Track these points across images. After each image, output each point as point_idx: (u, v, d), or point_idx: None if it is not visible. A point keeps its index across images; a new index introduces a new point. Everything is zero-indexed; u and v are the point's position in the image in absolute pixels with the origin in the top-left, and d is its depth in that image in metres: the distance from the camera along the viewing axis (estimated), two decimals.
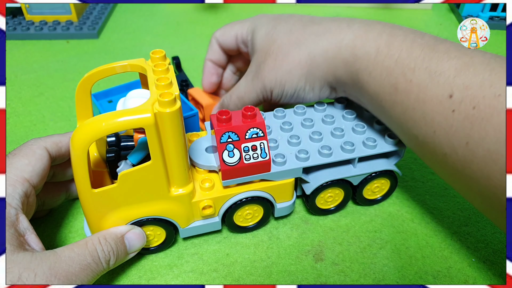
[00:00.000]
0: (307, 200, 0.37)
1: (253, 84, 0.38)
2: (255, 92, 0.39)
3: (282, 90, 0.37)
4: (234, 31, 0.42)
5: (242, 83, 0.40)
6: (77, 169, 0.28)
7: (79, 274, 0.28)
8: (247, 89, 0.39)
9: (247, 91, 0.39)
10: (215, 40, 0.43)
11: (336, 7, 0.79)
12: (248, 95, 0.39)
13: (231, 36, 0.42)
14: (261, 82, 0.37)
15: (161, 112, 0.27)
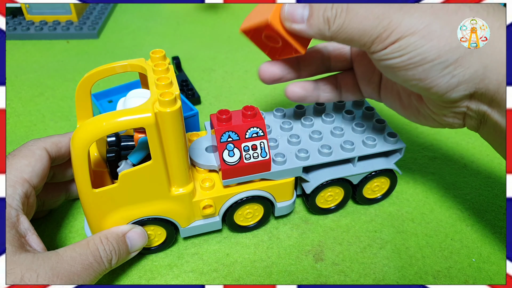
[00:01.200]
0: (307, 199, 0.37)
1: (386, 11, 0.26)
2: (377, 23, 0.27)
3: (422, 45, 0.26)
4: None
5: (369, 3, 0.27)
6: (78, 169, 0.28)
7: (81, 274, 0.28)
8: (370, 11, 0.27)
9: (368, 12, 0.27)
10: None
11: None
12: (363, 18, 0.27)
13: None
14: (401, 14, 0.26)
15: (161, 111, 0.27)
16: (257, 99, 0.55)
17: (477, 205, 0.40)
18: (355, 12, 0.27)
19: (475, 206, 0.40)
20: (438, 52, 0.26)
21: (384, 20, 0.26)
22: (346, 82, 0.36)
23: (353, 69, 0.36)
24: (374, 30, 0.27)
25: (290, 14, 0.29)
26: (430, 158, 0.46)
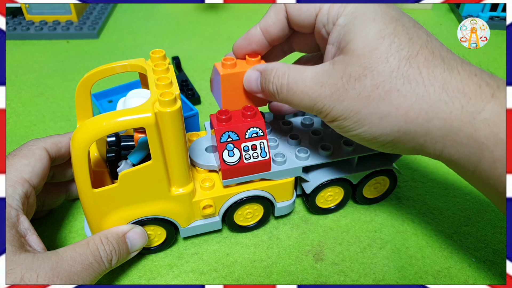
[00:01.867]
0: (307, 199, 0.37)
1: (320, 93, 0.28)
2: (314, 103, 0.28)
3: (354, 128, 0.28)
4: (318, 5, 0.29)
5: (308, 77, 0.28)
6: (78, 169, 0.28)
7: (81, 274, 0.28)
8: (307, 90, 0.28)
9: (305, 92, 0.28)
10: (281, 5, 0.31)
11: None
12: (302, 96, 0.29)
13: (311, 9, 0.29)
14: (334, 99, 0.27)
15: (161, 111, 0.27)
16: None
17: (477, 205, 0.40)
18: (293, 91, 0.29)
19: (475, 206, 0.40)
20: (372, 135, 0.27)
21: (318, 104, 0.28)
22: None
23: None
24: (312, 109, 0.29)
25: (247, 85, 0.32)
26: (430, 158, 0.46)
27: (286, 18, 0.32)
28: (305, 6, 0.30)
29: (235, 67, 0.32)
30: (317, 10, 0.29)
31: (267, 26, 0.32)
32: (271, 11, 0.32)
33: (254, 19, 0.77)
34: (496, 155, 0.24)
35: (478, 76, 0.25)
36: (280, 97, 0.30)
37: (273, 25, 0.32)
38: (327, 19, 0.29)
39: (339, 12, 0.28)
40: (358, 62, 0.26)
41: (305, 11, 0.30)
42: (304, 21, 0.30)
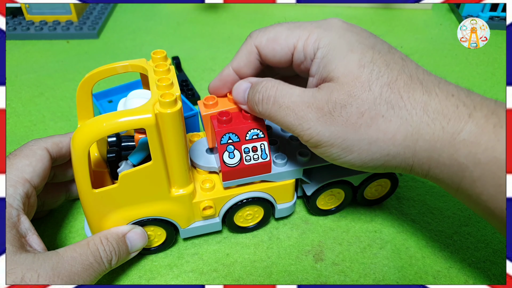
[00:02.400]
0: (307, 200, 0.37)
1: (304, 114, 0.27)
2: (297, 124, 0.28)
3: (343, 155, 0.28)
4: (293, 39, 0.29)
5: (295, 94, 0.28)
6: (78, 169, 0.28)
7: (81, 274, 0.28)
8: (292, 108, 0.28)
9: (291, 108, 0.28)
10: (252, 48, 0.31)
11: (336, 7, 0.79)
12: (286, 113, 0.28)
13: (285, 49, 0.30)
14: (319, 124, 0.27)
15: (162, 112, 0.27)
16: None
17: None
18: (279, 105, 0.28)
19: None
20: (362, 161, 0.28)
21: (304, 124, 0.27)
22: None
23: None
24: (296, 129, 0.28)
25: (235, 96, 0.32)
26: None
27: (258, 59, 0.32)
28: (278, 47, 0.30)
29: (216, 107, 0.33)
30: (291, 48, 0.30)
31: (240, 67, 0.33)
32: (242, 52, 0.32)
33: (254, 19, 0.77)
34: (475, 175, 0.25)
35: (455, 97, 0.26)
36: (263, 108, 0.29)
37: (245, 66, 0.32)
38: (304, 56, 0.29)
39: (315, 47, 0.28)
40: (343, 89, 0.26)
41: (279, 52, 0.30)
42: (280, 60, 0.31)
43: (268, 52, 0.31)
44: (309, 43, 0.28)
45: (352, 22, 0.30)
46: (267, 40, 0.31)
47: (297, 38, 0.29)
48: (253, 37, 0.31)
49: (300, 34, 0.29)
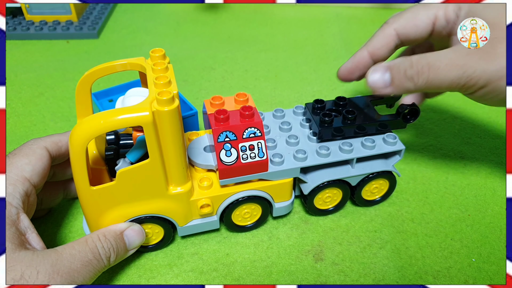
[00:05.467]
0: (305, 200, 0.37)
1: (469, 59, 0.29)
2: (463, 70, 0.29)
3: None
4: (432, 11, 0.33)
5: (448, 52, 0.30)
6: (76, 167, 0.28)
7: (80, 270, 0.28)
8: (453, 61, 0.29)
9: (451, 63, 0.29)
10: (391, 31, 0.35)
11: (336, 7, 0.79)
12: (448, 68, 0.29)
13: (426, 19, 0.33)
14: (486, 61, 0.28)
15: (159, 110, 0.27)
16: (256, 99, 0.55)
17: (477, 205, 0.40)
18: (437, 67, 0.30)
19: (475, 206, 0.40)
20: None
21: (468, 70, 0.29)
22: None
23: None
24: (460, 80, 0.29)
25: (373, 85, 0.33)
26: (430, 158, 0.46)
27: (395, 42, 0.35)
28: (419, 21, 0.34)
29: (223, 107, 0.33)
30: (432, 19, 0.33)
31: (375, 49, 0.36)
32: (379, 36, 0.36)
33: (254, 19, 0.77)
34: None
35: None
36: (421, 78, 0.31)
37: (381, 48, 0.35)
38: (446, 22, 0.33)
39: (456, 10, 0.32)
40: (497, 27, 0.29)
41: (421, 25, 0.34)
42: (421, 34, 0.34)
43: (409, 29, 0.34)
44: (449, 10, 0.32)
45: (352, 22, 0.31)
46: (406, 20, 0.34)
47: (436, 9, 0.33)
48: (389, 23, 0.35)
49: (438, 6, 0.33)
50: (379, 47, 0.35)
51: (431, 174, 0.44)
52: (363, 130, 0.36)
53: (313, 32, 0.72)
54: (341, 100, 0.38)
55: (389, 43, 0.35)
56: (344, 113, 0.36)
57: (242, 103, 0.34)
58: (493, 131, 0.49)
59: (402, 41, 0.35)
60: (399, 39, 0.35)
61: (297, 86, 0.58)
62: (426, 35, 0.34)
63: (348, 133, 0.36)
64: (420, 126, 0.50)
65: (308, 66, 0.62)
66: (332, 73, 0.61)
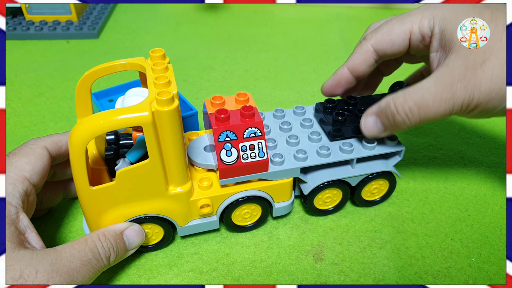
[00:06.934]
0: (305, 200, 0.37)
1: (454, 91, 0.28)
2: (452, 103, 0.29)
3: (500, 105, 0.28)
4: (407, 25, 0.33)
5: (431, 87, 0.29)
6: (75, 166, 0.28)
7: (80, 270, 0.28)
8: (438, 97, 0.29)
9: (438, 99, 0.29)
10: (368, 47, 0.35)
11: (336, 7, 0.79)
12: (437, 104, 0.29)
13: (402, 31, 0.33)
14: (471, 90, 0.28)
15: (158, 110, 0.27)
16: (256, 99, 0.55)
17: (477, 205, 0.40)
18: (426, 106, 0.30)
19: (475, 206, 0.40)
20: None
21: (457, 101, 0.29)
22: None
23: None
24: (452, 111, 0.29)
25: (369, 133, 0.34)
26: (430, 158, 0.46)
27: (373, 58, 0.35)
28: (394, 36, 0.34)
29: (223, 106, 0.34)
30: (408, 34, 0.33)
31: (355, 66, 0.36)
32: (357, 53, 0.36)
33: (254, 19, 0.77)
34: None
35: None
36: (412, 120, 0.31)
37: (360, 64, 0.36)
38: (421, 36, 0.32)
39: (431, 25, 0.31)
40: (475, 50, 0.28)
41: (396, 40, 0.34)
42: (398, 49, 0.34)
43: (385, 45, 0.34)
44: (424, 24, 0.31)
45: (352, 22, 0.31)
46: (382, 35, 0.34)
47: (411, 23, 0.32)
48: (367, 38, 0.35)
49: (412, 20, 0.32)
50: (358, 63, 0.36)
51: (431, 174, 0.44)
52: None
53: (313, 32, 0.72)
54: (351, 99, 0.38)
55: (367, 59, 0.35)
56: (356, 112, 0.37)
57: (242, 103, 0.34)
58: (493, 131, 0.49)
59: (381, 56, 0.35)
60: (377, 54, 0.35)
61: (297, 86, 0.58)
62: (403, 50, 0.34)
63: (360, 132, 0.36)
64: (420, 126, 0.50)
65: (308, 66, 0.62)
66: (332, 73, 0.60)
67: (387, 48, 0.34)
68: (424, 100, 0.29)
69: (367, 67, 0.36)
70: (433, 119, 0.30)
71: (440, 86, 0.29)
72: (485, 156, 0.46)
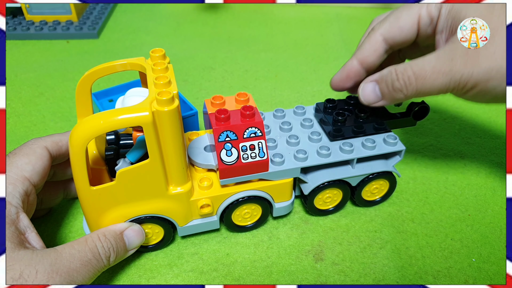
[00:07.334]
0: (305, 200, 0.37)
1: (453, 65, 0.29)
2: (449, 77, 0.29)
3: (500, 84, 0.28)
4: (414, 10, 0.33)
5: (432, 59, 0.30)
6: (76, 166, 0.28)
7: (80, 270, 0.28)
8: (437, 69, 0.29)
9: (436, 71, 0.29)
10: (377, 37, 0.35)
11: (336, 7, 0.79)
12: (434, 76, 0.30)
13: (410, 20, 0.33)
14: (471, 66, 0.28)
15: (159, 110, 0.27)
16: (257, 99, 0.55)
17: (477, 205, 0.40)
18: (423, 76, 0.30)
19: (475, 206, 0.40)
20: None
21: (455, 75, 0.29)
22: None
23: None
24: (449, 85, 0.29)
25: (366, 99, 0.34)
26: (430, 158, 0.46)
27: (383, 47, 0.35)
28: (403, 23, 0.33)
29: (223, 106, 0.34)
30: (416, 19, 0.33)
31: (364, 57, 0.35)
32: (367, 43, 0.35)
33: (254, 19, 0.77)
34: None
35: None
36: (409, 89, 0.31)
37: (370, 55, 0.35)
38: (429, 19, 0.32)
39: (438, 7, 0.31)
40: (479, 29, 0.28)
41: (405, 26, 0.33)
42: (407, 35, 0.34)
43: (395, 33, 0.34)
44: (431, 7, 0.32)
45: (352, 22, 0.31)
46: (390, 23, 0.34)
47: (418, 9, 0.32)
48: (375, 29, 0.35)
49: (419, 6, 0.32)
50: (368, 55, 0.35)
51: (431, 174, 0.44)
52: (376, 128, 0.37)
53: (313, 32, 0.72)
54: (352, 99, 0.38)
55: (377, 50, 0.35)
56: (356, 112, 0.37)
57: (243, 103, 0.34)
58: (493, 131, 0.49)
59: (391, 45, 0.35)
60: (387, 43, 0.35)
61: (297, 86, 0.58)
62: (413, 36, 0.34)
63: (360, 132, 0.37)
64: (420, 126, 0.50)
65: (308, 66, 0.63)
66: (332, 73, 0.60)
67: (396, 36, 0.34)
68: (423, 71, 0.30)
69: (377, 58, 0.35)
70: (429, 92, 0.31)
71: (440, 59, 0.29)
72: (485, 156, 0.46)
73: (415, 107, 0.37)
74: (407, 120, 0.38)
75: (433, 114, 0.52)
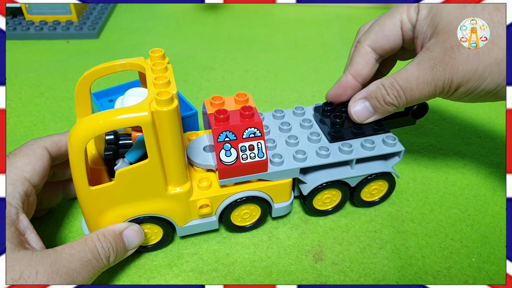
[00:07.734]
0: (304, 201, 0.37)
1: (434, 74, 0.30)
2: (434, 85, 0.31)
3: (479, 85, 0.30)
4: (396, 17, 0.33)
5: (414, 71, 0.31)
6: (75, 166, 0.28)
7: (80, 270, 0.28)
8: (421, 80, 0.31)
9: (420, 82, 0.31)
10: (366, 49, 0.35)
11: (336, 7, 0.79)
12: (420, 87, 0.31)
13: (394, 27, 0.34)
14: (449, 71, 0.29)
15: (158, 110, 0.27)
16: (256, 99, 0.55)
17: (477, 205, 0.40)
18: (410, 89, 0.32)
19: (475, 206, 0.40)
20: (496, 83, 0.29)
21: (438, 83, 0.30)
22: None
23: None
24: (435, 92, 0.31)
25: (359, 117, 0.35)
26: (430, 158, 0.46)
27: (374, 58, 0.36)
28: (387, 31, 0.34)
29: (223, 106, 0.34)
30: (399, 25, 0.34)
31: (357, 71, 0.36)
32: (357, 57, 0.36)
33: (254, 19, 0.77)
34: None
35: None
36: (400, 101, 0.33)
37: (362, 68, 0.36)
38: (411, 24, 0.33)
39: (416, 11, 0.32)
40: (453, 34, 0.29)
41: (390, 34, 0.34)
42: (394, 42, 0.35)
43: (381, 41, 0.35)
44: (411, 12, 0.32)
45: (352, 22, 0.31)
46: (376, 33, 0.35)
47: (399, 14, 0.33)
48: (361, 41, 0.36)
49: (400, 11, 0.33)
50: (361, 68, 0.36)
51: (431, 174, 0.44)
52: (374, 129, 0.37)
53: (313, 32, 0.72)
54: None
55: (369, 61, 0.36)
56: None
57: (242, 103, 0.34)
58: (493, 131, 0.49)
59: (381, 55, 0.36)
60: (376, 53, 0.36)
61: (297, 86, 0.58)
62: (399, 42, 0.35)
63: (359, 133, 0.37)
64: (420, 126, 0.50)
65: (308, 66, 0.62)
66: (332, 73, 0.61)
67: (384, 44, 0.35)
68: (409, 83, 0.31)
69: (370, 69, 0.36)
70: (419, 100, 0.32)
71: (422, 70, 0.31)
72: (485, 156, 0.46)
73: (413, 106, 0.37)
74: (407, 119, 0.38)
75: (433, 114, 0.52)
